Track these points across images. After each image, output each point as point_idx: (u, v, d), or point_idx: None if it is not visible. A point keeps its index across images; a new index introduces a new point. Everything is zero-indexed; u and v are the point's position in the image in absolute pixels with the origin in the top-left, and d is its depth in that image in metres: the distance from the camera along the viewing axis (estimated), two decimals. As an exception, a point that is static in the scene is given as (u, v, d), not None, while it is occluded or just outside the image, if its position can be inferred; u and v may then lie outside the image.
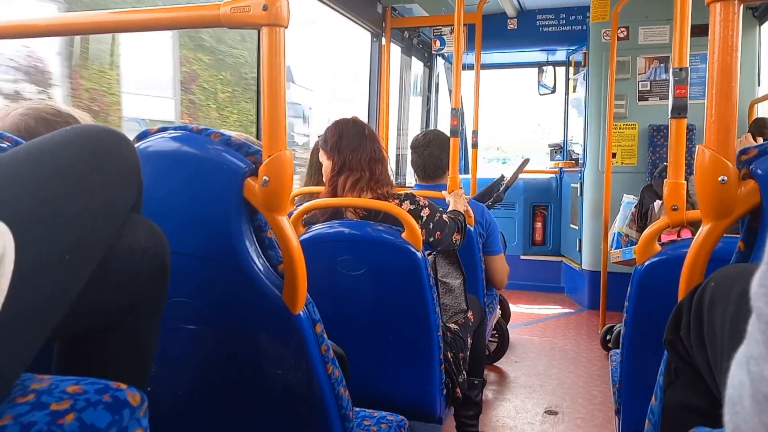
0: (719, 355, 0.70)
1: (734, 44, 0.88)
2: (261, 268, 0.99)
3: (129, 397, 0.57)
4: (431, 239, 1.80)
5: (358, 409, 1.46)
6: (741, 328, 0.65)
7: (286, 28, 0.92)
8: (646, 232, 1.53)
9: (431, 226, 1.79)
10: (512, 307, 3.57)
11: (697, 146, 0.94)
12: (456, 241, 1.90)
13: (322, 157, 1.79)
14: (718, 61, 0.89)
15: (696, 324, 0.78)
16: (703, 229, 0.91)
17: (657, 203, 3.24)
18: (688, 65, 1.51)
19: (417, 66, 4.77)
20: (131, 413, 0.56)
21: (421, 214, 1.78)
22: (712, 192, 0.88)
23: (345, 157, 1.74)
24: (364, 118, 1.93)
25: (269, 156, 0.96)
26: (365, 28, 3.73)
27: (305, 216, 1.75)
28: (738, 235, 0.96)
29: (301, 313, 1.01)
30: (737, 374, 0.40)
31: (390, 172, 1.83)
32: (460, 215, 2.02)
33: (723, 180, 0.87)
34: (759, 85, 3.98)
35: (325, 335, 1.07)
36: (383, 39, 3.83)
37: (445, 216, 1.85)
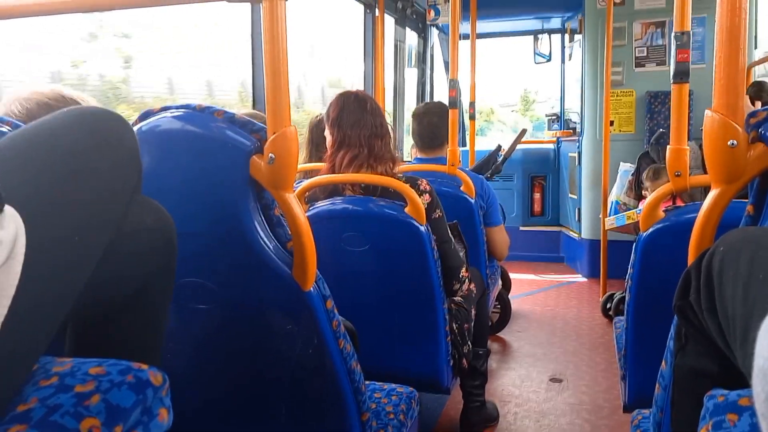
0: (731, 321, 0.70)
1: (742, 4, 0.87)
2: (270, 246, 0.99)
3: (151, 377, 0.57)
4: None
5: (368, 382, 1.48)
6: (754, 294, 0.65)
7: (287, 0, 0.91)
8: (649, 198, 1.53)
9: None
10: (513, 278, 3.59)
11: (705, 111, 0.93)
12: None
13: (326, 132, 1.78)
14: (726, 23, 0.88)
15: (706, 289, 0.78)
16: (713, 194, 0.91)
17: (648, 169, 3.23)
18: (690, 29, 1.49)
19: (411, 38, 4.71)
20: (154, 393, 0.57)
21: (421, 200, 1.74)
22: (722, 156, 0.88)
23: (345, 133, 1.72)
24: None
25: (274, 133, 0.95)
26: (358, 0, 3.68)
27: (306, 194, 1.74)
28: (745, 200, 0.96)
29: (312, 289, 1.01)
30: (767, 344, 0.40)
31: (394, 149, 1.80)
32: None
33: (732, 144, 0.87)
34: (756, 47, 3.95)
35: (335, 311, 1.07)
36: (377, 10, 3.78)
37: (444, 222, 1.80)
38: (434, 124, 2.50)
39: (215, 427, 1.16)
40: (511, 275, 3.57)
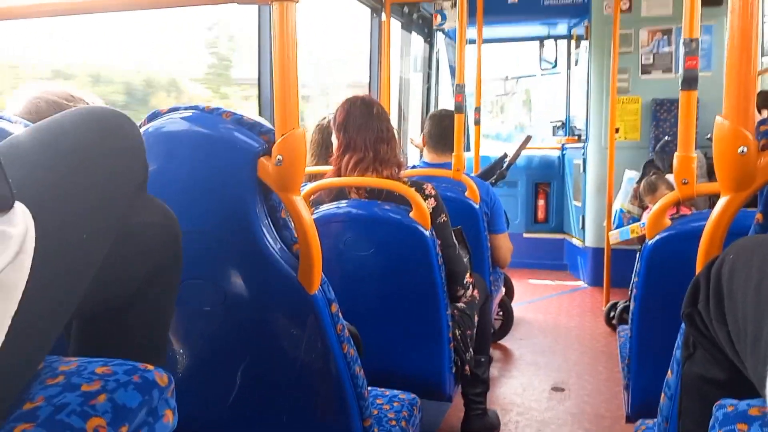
0: (741, 327, 0.69)
1: (753, 10, 0.87)
2: (276, 248, 0.99)
3: (157, 378, 0.57)
4: None
5: (370, 388, 1.47)
6: (765, 299, 0.65)
7: (298, 2, 0.91)
8: (655, 206, 1.52)
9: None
10: (515, 285, 3.58)
11: (711, 118, 0.93)
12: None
13: (332, 137, 1.79)
14: (738, 29, 0.88)
15: (715, 297, 0.77)
16: (722, 201, 0.91)
17: (643, 182, 3.22)
18: (699, 36, 1.49)
19: (417, 42, 4.71)
20: (160, 394, 0.56)
21: (426, 205, 1.73)
22: (732, 164, 0.88)
23: (350, 136, 1.73)
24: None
25: (282, 135, 0.95)
26: (364, 4, 3.68)
27: (312, 197, 1.74)
28: (754, 209, 0.95)
29: (317, 292, 1.00)
30: None
31: (399, 153, 1.80)
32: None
33: (742, 151, 0.86)
34: (763, 55, 3.94)
35: (340, 315, 1.07)
36: (383, 14, 3.78)
37: (449, 227, 1.81)
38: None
39: (218, 430, 1.15)
40: (514, 282, 3.56)
